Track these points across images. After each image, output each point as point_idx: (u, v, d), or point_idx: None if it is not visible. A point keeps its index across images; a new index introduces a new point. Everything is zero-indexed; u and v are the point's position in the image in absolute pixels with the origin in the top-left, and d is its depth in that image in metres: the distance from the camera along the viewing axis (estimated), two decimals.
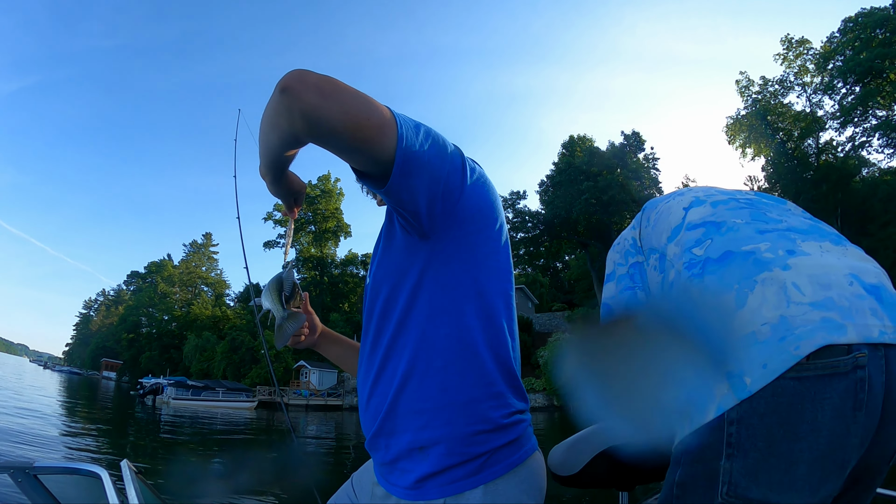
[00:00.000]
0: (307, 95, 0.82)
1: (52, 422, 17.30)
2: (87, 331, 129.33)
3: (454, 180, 1.02)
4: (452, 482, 0.99)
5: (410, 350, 1.06)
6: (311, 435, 22.10)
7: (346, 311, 67.51)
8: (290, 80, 0.83)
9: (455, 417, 1.02)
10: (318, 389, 50.29)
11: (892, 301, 0.97)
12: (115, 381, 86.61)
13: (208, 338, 69.38)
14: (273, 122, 0.90)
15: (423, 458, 1.02)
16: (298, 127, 0.86)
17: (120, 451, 13.16)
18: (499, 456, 1.03)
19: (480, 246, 1.09)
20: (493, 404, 1.05)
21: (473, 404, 1.03)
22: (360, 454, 15.24)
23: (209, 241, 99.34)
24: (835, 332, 0.90)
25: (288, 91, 0.83)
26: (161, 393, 46.63)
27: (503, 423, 1.05)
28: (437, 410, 1.03)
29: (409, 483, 1.03)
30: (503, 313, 1.12)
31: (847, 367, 0.88)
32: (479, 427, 1.02)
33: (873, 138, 46.27)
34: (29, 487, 1.88)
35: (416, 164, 0.93)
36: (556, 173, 51.82)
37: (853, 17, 46.49)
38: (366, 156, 0.90)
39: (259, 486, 9.40)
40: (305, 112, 0.83)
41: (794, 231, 1.08)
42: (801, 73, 51.30)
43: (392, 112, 0.91)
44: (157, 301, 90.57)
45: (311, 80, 0.83)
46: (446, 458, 1.00)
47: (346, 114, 0.84)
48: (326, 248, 74.32)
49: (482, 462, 1.01)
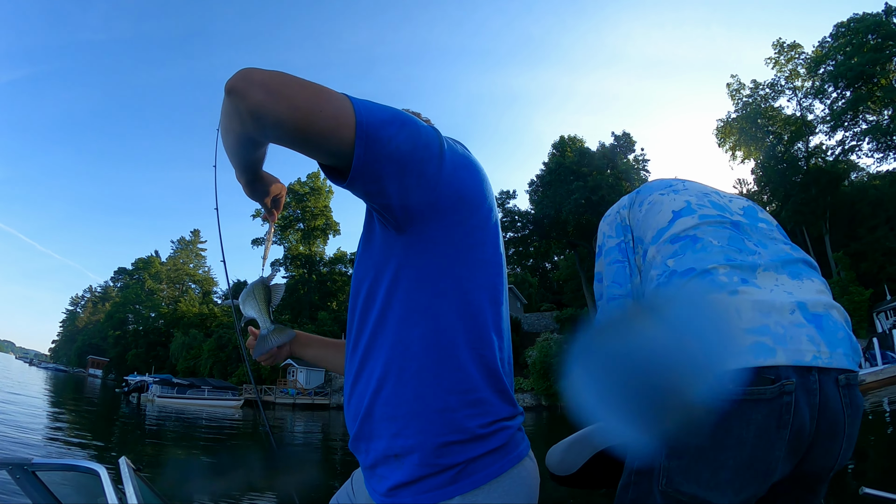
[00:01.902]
0: (252, 93, 0.80)
1: (27, 420, 16.89)
2: (73, 328, 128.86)
3: (429, 168, 0.95)
4: (426, 492, 0.94)
5: (386, 353, 1.01)
6: (298, 431, 21.86)
7: (334, 309, 67.29)
8: (235, 81, 0.81)
9: (427, 426, 0.96)
10: (305, 388, 49.94)
11: (832, 329, 1.09)
12: (101, 379, 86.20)
13: (195, 335, 69.12)
14: (227, 125, 0.89)
15: (397, 466, 0.97)
16: (250, 127, 0.84)
17: (100, 451, 12.83)
18: (478, 465, 0.96)
19: (462, 238, 1.01)
20: (470, 413, 0.97)
21: (448, 413, 0.96)
22: (345, 454, 15.07)
23: (197, 237, 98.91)
24: (763, 355, 1.02)
25: (234, 92, 0.81)
26: (146, 391, 46.39)
27: (481, 434, 0.97)
28: (410, 418, 0.97)
29: (384, 490, 1.00)
30: (488, 310, 1.04)
31: (772, 395, 1.02)
32: (452, 437, 0.95)
33: (863, 142, 46.58)
34: (27, 484, 1.88)
35: (380, 154, 0.88)
36: (546, 173, 51.76)
37: (845, 23, 46.81)
38: (324, 149, 0.87)
39: (237, 491, 9.16)
40: (253, 111, 0.81)
41: (761, 263, 1.18)
42: (792, 77, 51.63)
43: (350, 100, 0.87)
44: (144, 298, 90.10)
45: (256, 77, 0.81)
46: (419, 469, 0.95)
47: (296, 108, 0.81)
48: (315, 245, 74.00)
49: (457, 472, 0.94)
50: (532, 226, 52.83)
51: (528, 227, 53.34)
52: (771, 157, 49.64)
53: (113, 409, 32.28)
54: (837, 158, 48.46)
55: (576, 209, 47.17)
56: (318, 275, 73.58)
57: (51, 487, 1.93)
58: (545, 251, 59.88)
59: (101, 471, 1.89)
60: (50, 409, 22.66)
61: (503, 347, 1.06)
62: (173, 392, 45.74)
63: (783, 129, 50.50)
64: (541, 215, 50.58)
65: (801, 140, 49.47)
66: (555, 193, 49.22)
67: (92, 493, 1.89)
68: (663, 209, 1.36)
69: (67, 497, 1.96)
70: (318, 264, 74.69)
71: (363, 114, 0.86)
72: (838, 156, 48.56)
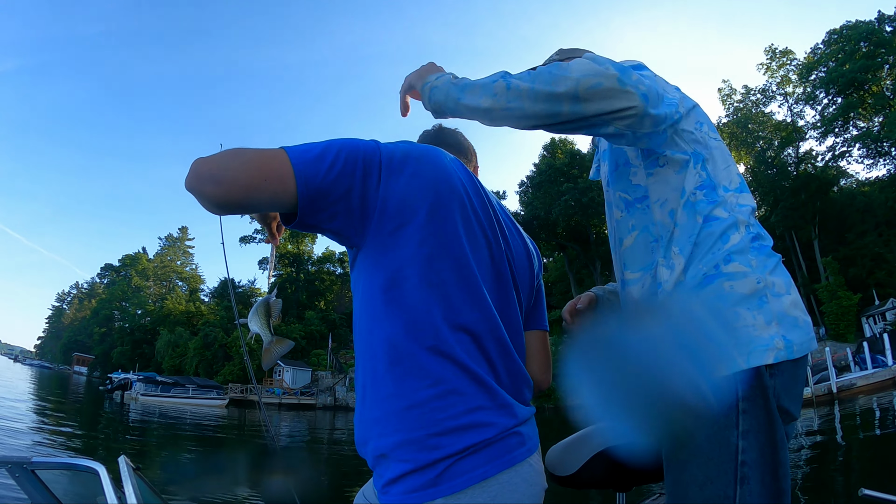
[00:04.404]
0: (207, 189, 0.92)
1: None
2: (59, 324, 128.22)
3: (370, 184, 1.02)
4: (411, 491, 0.95)
5: (362, 361, 1.08)
6: (283, 433, 21.74)
7: (321, 308, 67.02)
8: (189, 180, 0.93)
9: (404, 423, 0.98)
10: (291, 388, 49.66)
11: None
12: (86, 376, 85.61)
13: (181, 333, 68.58)
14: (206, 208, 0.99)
15: (387, 466, 1.00)
16: (221, 212, 0.98)
17: (76, 450, 12.48)
18: (463, 465, 0.95)
19: (409, 238, 1.04)
20: (439, 405, 0.98)
21: (417, 408, 0.98)
22: (334, 452, 14.85)
23: (185, 234, 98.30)
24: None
25: (192, 191, 0.93)
26: (130, 389, 46.19)
27: (454, 426, 0.97)
28: (388, 417, 1.00)
29: (380, 487, 1.02)
30: (457, 300, 1.05)
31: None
32: (427, 431, 0.96)
33: (853, 149, 46.82)
34: (27, 482, 1.90)
35: (321, 193, 0.98)
36: (536, 174, 51.91)
37: (838, 30, 47.09)
38: (279, 204, 0.97)
39: (239, 491, 8.94)
40: (214, 202, 0.93)
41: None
42: (783, 83, 51.93)
43: (287, 154, 0.97)
44: (130, 295, 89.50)
45: (204, 171, 0.93)
46: (402, 465, 0.96)
47: (246, 188, 0.92)
48: (303, 244, 73.74)
49: (441, 472, 0.94)
50: (521, 227, 52.47)
51: None
52: (761, 162, 49.88)
53: (95, 407, 31.99)
54: (827, 164, 48.76)
55: (565, 211, 47.29)
56: (306, 274, 73.46)
57: (50, 486, 1.95)
58: None
59: (100, 469, 1.90)
60: (26, 406, 22.15)
61: (480, 338, 1.05)
62: (157, 390, 45.61)
63: (774, 135, 50.79)
64: (530, 217, 50.68)
65: (792, 145, 49.76)
66: (545, 195, 49.43)
67: (91, 492, 1.92)
68: (732, 172, 1.33)
69: (67, 496, 1.99)
70: (305, 263, 74.64)
71: (300, 165, 0.96)
72: (828, 162, 48.85)
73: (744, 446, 1.04)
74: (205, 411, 35.96)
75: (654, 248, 1.28)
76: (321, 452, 16.84)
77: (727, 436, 1.06)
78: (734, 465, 1.04)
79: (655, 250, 1.28)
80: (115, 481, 1.89)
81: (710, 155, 1.27)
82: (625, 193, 1.36)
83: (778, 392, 1.09)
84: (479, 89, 1.13)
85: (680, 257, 1.21)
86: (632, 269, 1.34)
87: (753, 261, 1.16)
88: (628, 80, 1.06)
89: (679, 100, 1.25)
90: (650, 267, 1.28)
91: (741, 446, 1.05)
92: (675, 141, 1.25)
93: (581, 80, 1.04)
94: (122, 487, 1.86)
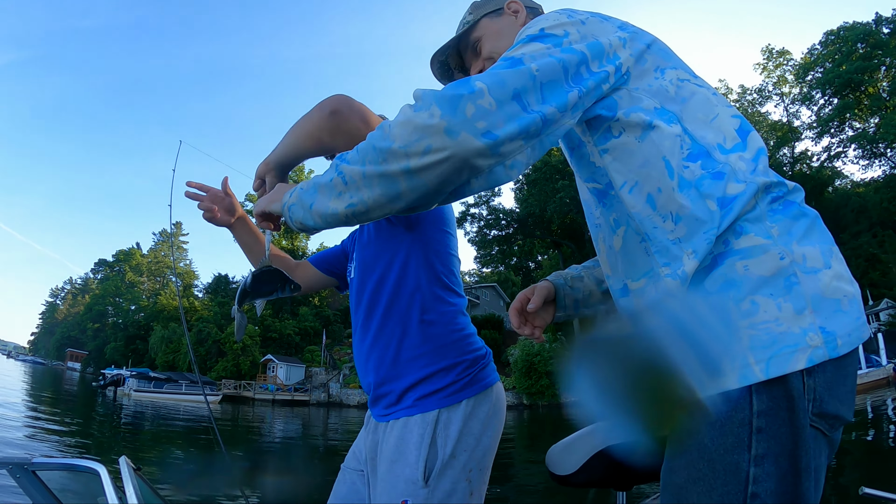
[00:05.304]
0: (353, 120, 1.01)
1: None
2: (52, 320, 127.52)
3: None
4: (446, 396, 1.38)
5: (402, 315, 1.45)
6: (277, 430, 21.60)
7: (315, 304, 66.77)
8: (340, 105, 1.01)
9: (444, 354, 1.43)
10: (285, 384, 49.51)
11: None
12: (79, 372, 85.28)
13: (175, 329, 68.21)
14: (312, 133, 1.08)
15: (427, 384, 1.40)
16: (340, 145, 1.04)
17: (69, 449, 12.34)
18: (478, 377, 1.44)
19: (439, 234, 1.52)
20: (467, 343, 1.49)
21: (451, 345, 1.45)
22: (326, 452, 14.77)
23: (179, 230, 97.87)
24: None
25: (337, 114, 1.01)
26: (122, 385, 46.07)
27: (477, 356, 1.48)
28: (432, 352, 1.43)
29: (411, 402, 1.39)
30: (454, 279, 1.55)
31: None
32: (461, 359, 1.44)
33: (849, 149, 46.97)
34: (27, 483, 1.92)
35: None
36: (531, 171, 51.74)
37: (835, 31, 47.19)
38: None
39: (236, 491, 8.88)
40: (350, 133, 1.00)
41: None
42: (779, 84, 52.02)
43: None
44: (124, 290, 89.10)
45: (356, 107, 1.03)
46: (443, 378, 1.40)
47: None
48: (297, 240, 73.30)
49: (466, 382, 1.41)
50: (516, 224, 52.91)
51: (512, 226, 53.40)
52: None
53: (87, 404, 31.81)
54: (822, 165, 48.92)
55: (561, 208, 47.25)
56: None
57: (51, 487, 1.97)
58: (529, 250, 60.11)
59: (101, 470, 1.93)
60: (17, 404, 21.98)
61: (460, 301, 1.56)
62: (150, 386, 45.25)
63: (769, 135, 50.96)
64: (525, 214, 50.67)
65: (787, 146, 49.96)
66: (540, 192, 49.30)
67: (92, 493, 1.95)
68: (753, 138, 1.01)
69: (67, 496, 2.01)
70: (300, 258, 73.00)
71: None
72: (823, 162, 49.01)
73: (756, 475, 0.79)
74: (198, 408, 35.80)
75: (645, 248, 0.96)
76: (320, 449, 16.82)
77: (735, 461, 0.80)
78: (742, 498, 0.79)
79: (649, 252, 0.96)
80: (116, 482, 1.92)
81: (683, 108, 0.95)
82: (594, 183, 1.05)
83: (819, 394, 0.82)
84: (323, 189, 0.92)
85: (693, 261, 0.88)
86: (633, 278, 1.01)
87: (774, 228, 0.87)
88: (463, 123, 0.78)
89: (615, 52, 0.93)
90: (651, 273, 0.96)
91: (753, 475, 0.79)
92: (628, 97, 0.94)
93: (404, 148, 0.80)
94: (123, 488, 1.89)
